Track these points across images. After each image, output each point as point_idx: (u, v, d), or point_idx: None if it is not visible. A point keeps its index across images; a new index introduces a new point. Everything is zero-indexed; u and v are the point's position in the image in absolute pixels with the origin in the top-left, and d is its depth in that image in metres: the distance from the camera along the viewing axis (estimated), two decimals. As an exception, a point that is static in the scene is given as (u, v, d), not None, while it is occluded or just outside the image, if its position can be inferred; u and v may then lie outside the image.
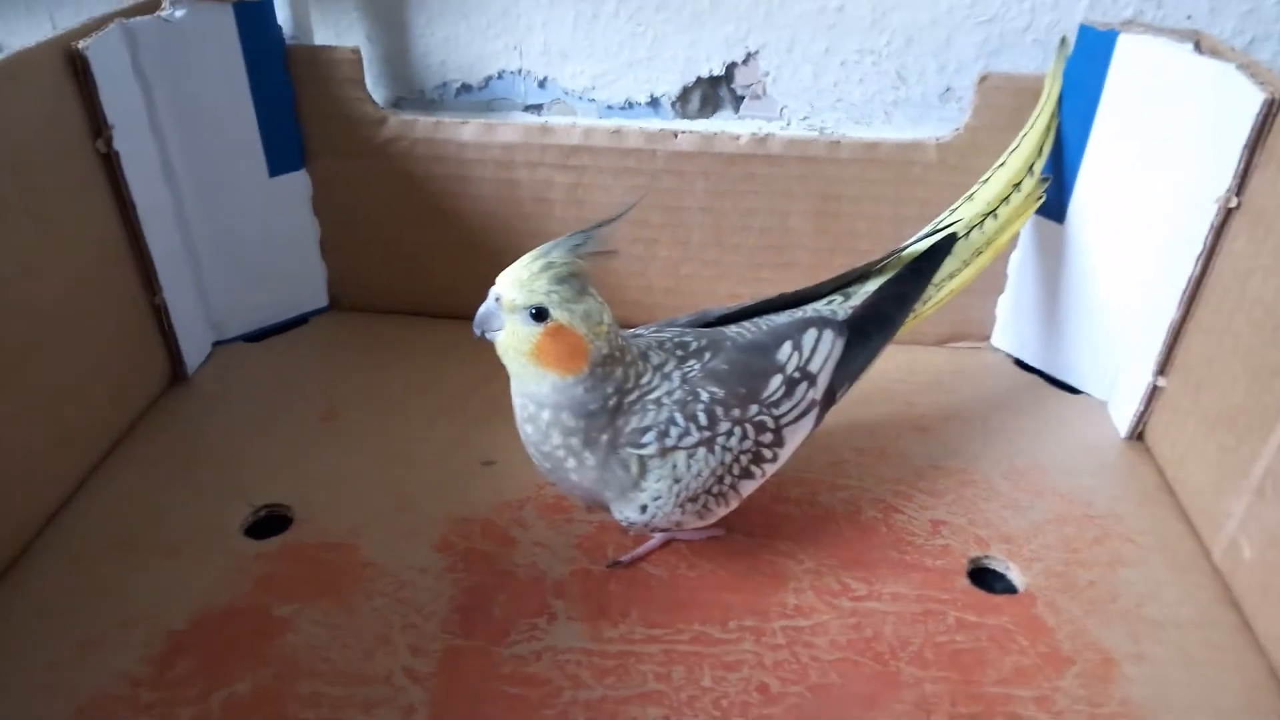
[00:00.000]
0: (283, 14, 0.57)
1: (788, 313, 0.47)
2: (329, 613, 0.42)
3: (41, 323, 0.46)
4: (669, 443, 0.40)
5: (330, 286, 0.64)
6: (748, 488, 0.43)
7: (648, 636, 0.42)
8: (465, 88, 0.64)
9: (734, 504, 0.43)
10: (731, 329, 0.46)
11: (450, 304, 0.62)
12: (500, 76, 0.63)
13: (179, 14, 0.51)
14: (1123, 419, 0.54)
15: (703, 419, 0.41)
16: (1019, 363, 0.61)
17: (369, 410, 0.55)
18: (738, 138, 0.56)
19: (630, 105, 0.63)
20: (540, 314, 0.38)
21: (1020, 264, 0.59)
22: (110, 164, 0.49)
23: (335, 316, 0.64)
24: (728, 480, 0.42)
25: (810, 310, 0.47)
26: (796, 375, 0.43)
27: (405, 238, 0.62)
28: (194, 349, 0.57)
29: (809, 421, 0.44)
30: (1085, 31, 0.52)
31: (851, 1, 0.58)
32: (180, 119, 0.53)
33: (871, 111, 0.62)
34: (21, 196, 0.44)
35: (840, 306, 0.47)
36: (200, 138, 0.54)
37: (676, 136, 0.56)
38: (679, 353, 0.43)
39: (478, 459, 0.52)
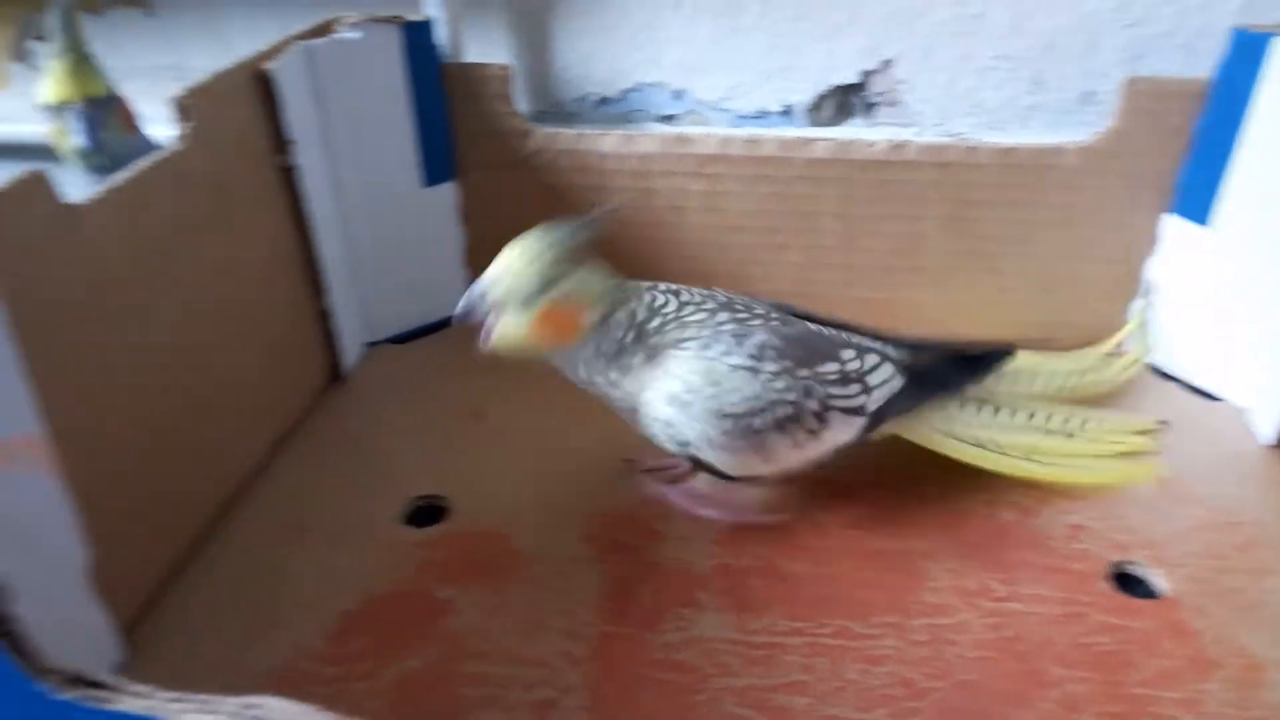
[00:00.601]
0: (438, 33, 0.61)
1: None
2: (487, 597, 0.45)
3: (229, 323, 0.50)
4: (709, 354, 0.42)
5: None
6: (781, 447, 0.44)
7: (791, 629, 0.43)
8: (604, 100, 0.67)
9: (765, 460, 0.44)
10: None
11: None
12: (638, 89, 0.66)
13: (353, 35, 0.55)
14: (1265, 426, 0.53)
15: (751, 349, 0.43)
16: (1155, 369, 0.60)
17: (514, 410, 0.58)
18: (873, 144, 0.57)
19: (763, 114, 0.64)
20: (528, 301, 0.42)
21: (1158, 268, 0.58)
22: (289, 178, 0.54)
23: (477, 320, 0.68)
24: (763, 419, 0.43)
25: (875, 341, 0.49)
26: (854, 375, 0.45)
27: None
28: (350, 350, 0.61)
29: (854, 426, 0.45)
30: (1239, 35, 0.51)
31: (991, 8, 0.58)
32: (348, 134, 0.57)
33: (1006, 117, 0.62)
34: (219, 208, 0.49)
35: (903, 353, 0.48)
36: (364, 151, 0.58)
37: (812, 144, 0.58)
38: (738, 306, 0.45)
39: (619, 457, 0.54)
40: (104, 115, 0.48)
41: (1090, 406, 0.53)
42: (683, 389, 0.42)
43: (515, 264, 0.41)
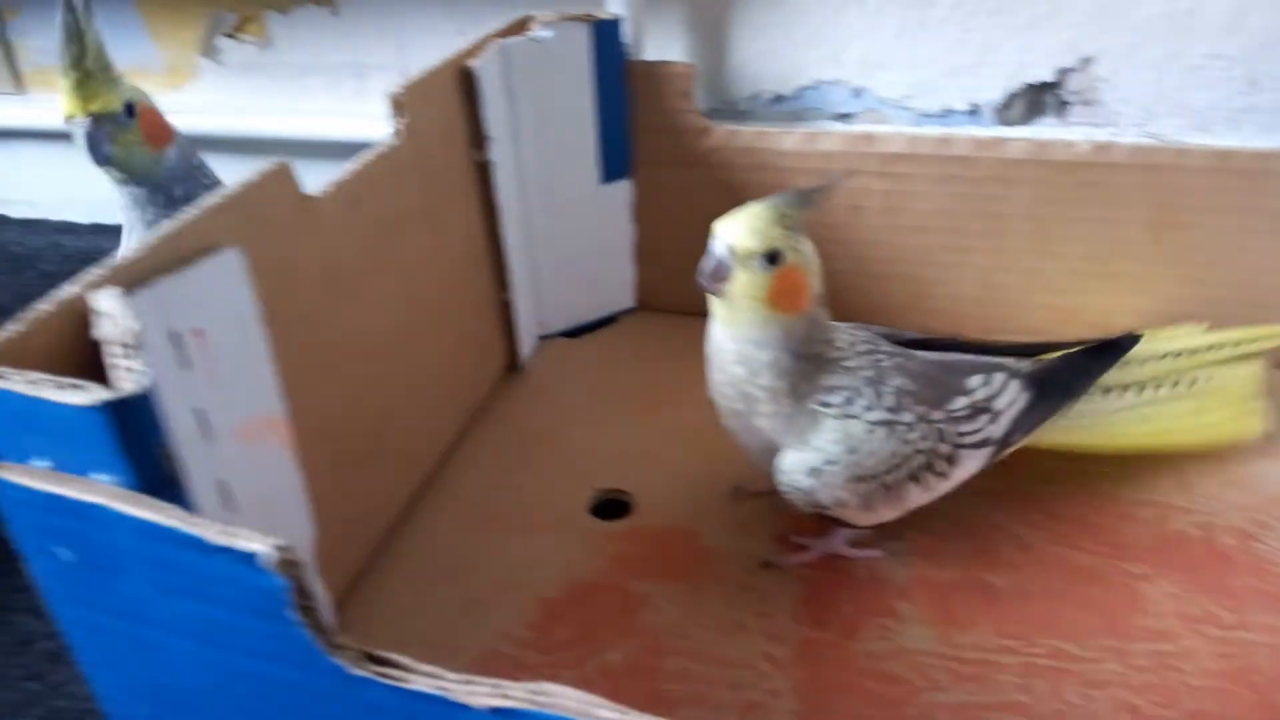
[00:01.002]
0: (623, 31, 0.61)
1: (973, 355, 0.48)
2: (682, 594, 0.45)
3: (429, 312, 0.52)
4: (852, 410, 0.41)
5: (639, 288, 0.68)
6: (912, 495, 0.43)
7: (1001, 647, 0.41)
8: (778, 98, 0.66)
9: (894, 509, 0.44)
10: (918, 352, 0.46)
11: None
12: (814, 86, 0.65)
13: (546, 34, 0.56)
14: None
15: (889, 400, 0.42)
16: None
17: (688, 405, 0.57)
18: (1073, 145, 0.55)
19: (948, 113, 0.63)
20: (774, 258, 0.40)
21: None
22: (484, 172, 0.55)
23: (642, 316, 0.68)
24: (896, 475, 0.42)
25: (997, 358, 0.47)
26: (982, 405, 0.44)
27: (715, 242, 0.64)
28: (526, 342, 0.62)
29: (982, 456, 0.44)
30: None
31: (1204, 4, 0.55)
32: (534, 130, 0.58)
33: (1214, 119, 0.58)
34: (424, 201, 0.50)
35: (1027, 364, 0.47)
36: (547, 147, 0.59)
37: (1006, 144, 0.56)
38: (867, 345, 0.44)
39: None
40: (114, 130, 0.47)
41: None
42: (822, 461, 0.41)
43: (761, 221, 0.40)
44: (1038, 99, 0.61)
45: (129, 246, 0.50)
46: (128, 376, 0.25)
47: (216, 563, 0.24)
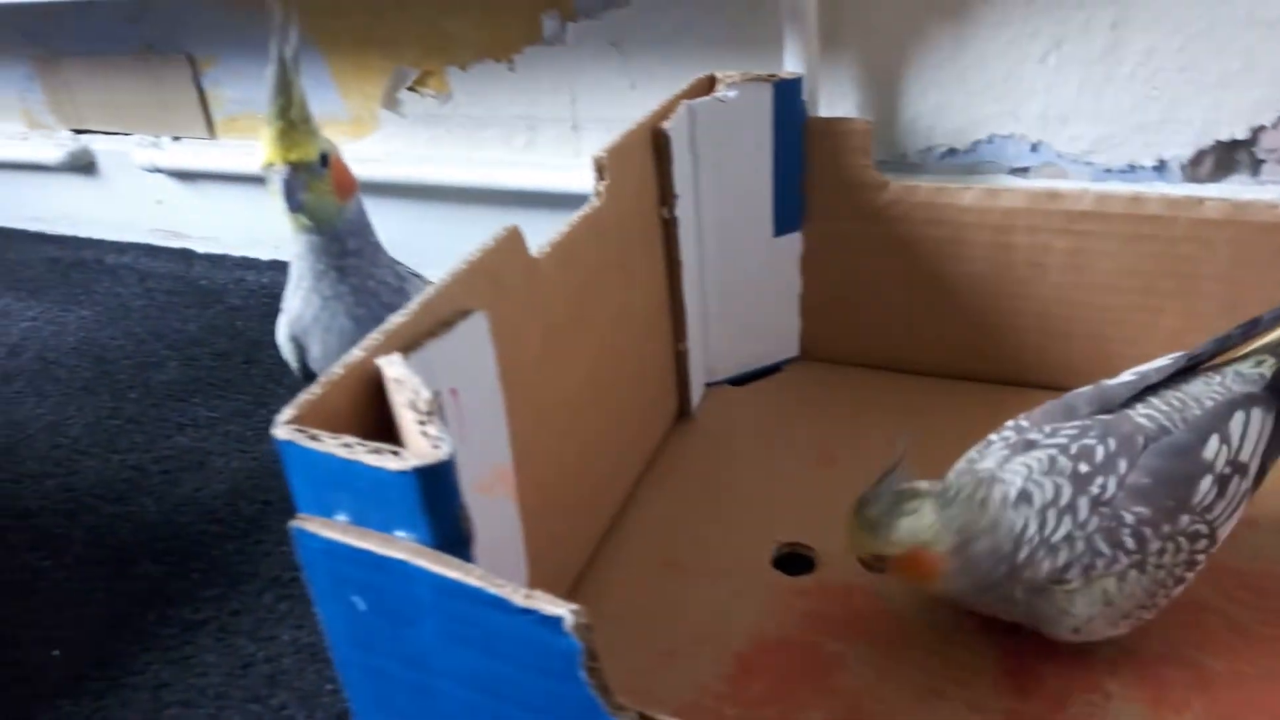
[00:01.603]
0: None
1: (1203, 380, 0.44)
2: (877, 657, 0.45)
3: (617, 363, 0.53)
4: (1095, 573, 0.40)
5: (802, 338, 0.68)
6: (1179, 592, 0.42)
7: (1220, 732, 0.40)
8: (951, 151, 0.66)
9: (1160, 608, 0.42)
10: (1139, 413, 0.43)
11: (922, 361, 0.64)
12: (990, 140, 0.65)
13: (731, 94, 0.57)
14: None
15: (1130, 544, 0.40)
16: None
17: (864, 459, 0.57)
18: (1276, 206, 0.53)
19: (1133, 168, 0.62)
20: (878, 560, 0.42)
21: None
22: (668, 228, 0.57)
23: (805, 366, 0.68)
24: (1161, 595, 0.41)
25: (1231, 377, 0.44)
26: (1227, 471, 0.41)
27: (885, 295, 0.64)
28: (695, 390, 0.64)
29: (1241, 509, 0.42)
30: None
31: None
32: (714, 185, 0.59)
33: None
34: (620, 258, 0.52)
35: (1265, 368, 0.44)
36: (726, 201, 0.60)
37: (1202, 204, 0.54)
38: (1082, 467, 0.41)
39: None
40: (309, 179, 0.49)
41: None
42: (1084, 621, 0.41)
43: (851, 531, 0.43)
44: (1229, 156, 0.59)
45: (295, 292, 0.54)
46: (431, 442, 0.27)
47: (516, 622, 0.26)
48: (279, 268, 0.96)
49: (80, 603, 0.55)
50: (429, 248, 0.57)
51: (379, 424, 0.32)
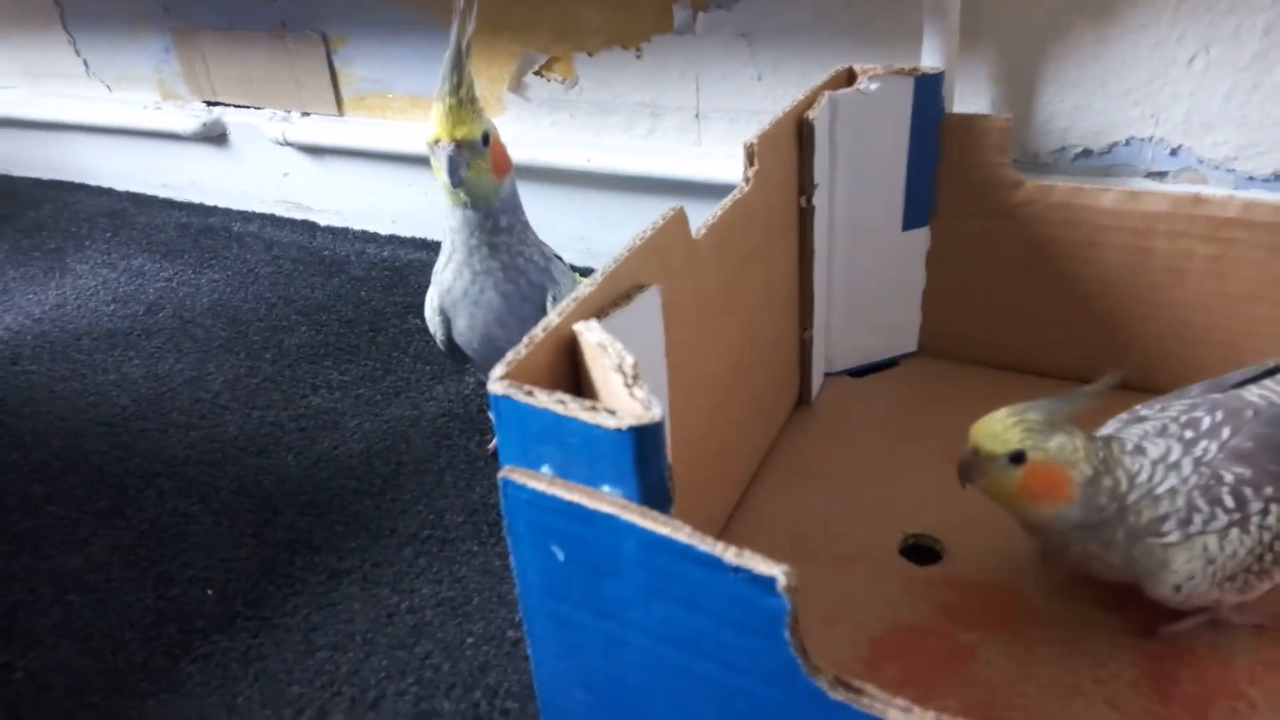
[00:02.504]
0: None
1: None
2: (1013, 649, 0.45)
3: (753, 347, 0.55)
4: (1192, 529, 0.41)
5: (922, 333, 0.69)
6: None
7: (1369, 746, 0.40)
8: (1085, 153, 0.66)
9: (1272, 582, 0.42)
10: (1253, 391, 0.44)
11: (1047, 362, 0.64)
12: (1127, 143, 0.64)
13: (873, 86, 0.58)
14: None
15: (1229, 501, 0.41)
16: None
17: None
18: None
19: (1277, 178, 0.60)
20: (1017, 457, 0.43)
21: None
22: (804, 217, 0.58)
23: (923, 361, 0.68)
24: (1268, 557, 0.41)
25: None
26: None
27: (1011, 294, 0.64)
28: (816, 378, 0.65)
29: None
30: None
31: None
32: (849, 176, 0.60)
33: None
34: (763, 243, 0.53)
35: None
36: (858, 193, 0.61)
37: (1358, 216, 0.53)
38: (1188, 434, 0.43)
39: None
40: (471, 157, 0.51)
41: None
42: (1184, 578, 0.41)
43: (999, 424, 0.43)
44: (1386, 168, 0.58)
45: (447, 265, 0.56)
46: (643, 403, 0.29)
47: (724, 580, 0.27)
48: (397, 242, 0.99)
49: (230, 546, 0.58)
50: (550, 230, 0.59)
51: (570, 385, 0.34)
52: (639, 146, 0.82)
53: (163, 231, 1.07)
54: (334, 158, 1.00)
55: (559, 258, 0.60)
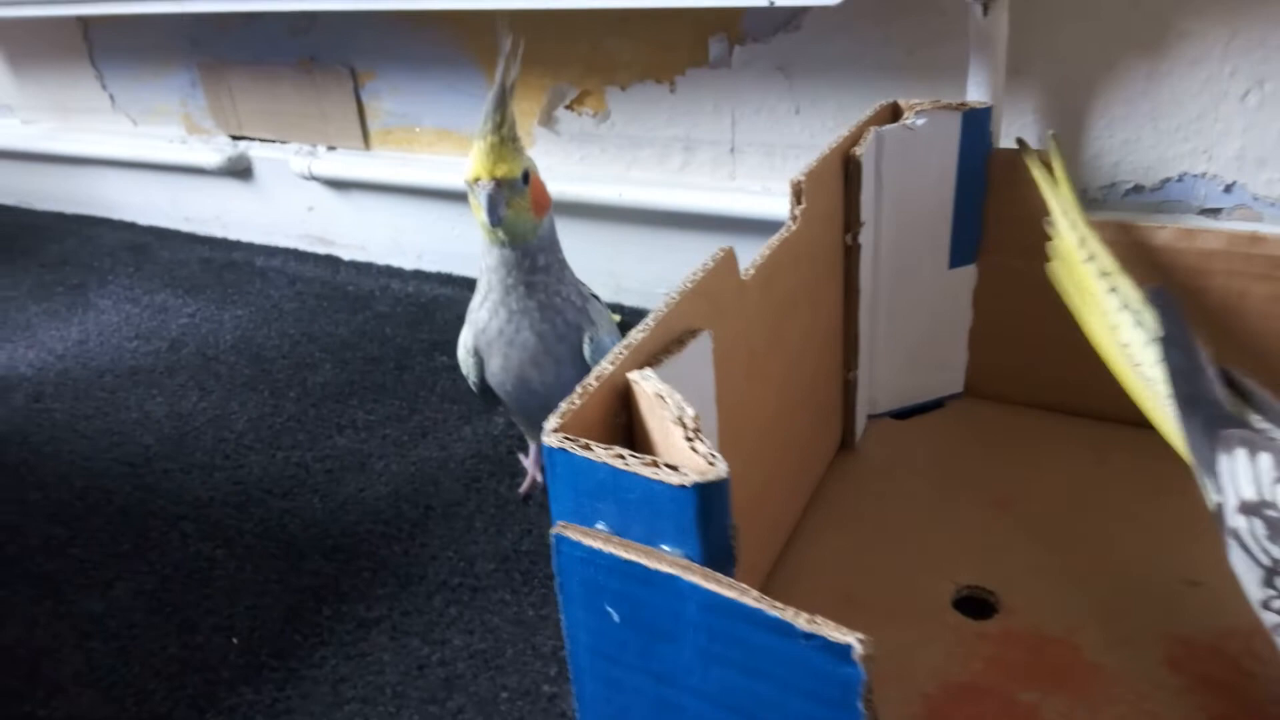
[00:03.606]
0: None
1: None
2: (1076, 711, 0.43)
3: (796, 389, 0.53)
4: None
5: (968, 374, 0.67)
6: None
7: None
8: (1137, 189, 0.64)
9: None
10: None
11: (1097, 404, 0.62)
12: (1180, 179, 0.62)
13: (920, 122, 0.56)
14: None
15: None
16: None
17: (1039, 502, 0.56)
18: None
19: (1338, 215, 0.59)
20: None
21: None
22: (850, 255, 0.56)
23: (970, 403, 0.66)
24: None
25: None
26: None
27: (1061, 334, 0.62)
28: (859, 421, 0.63)
29: None
30: None
31: None
32: (894, 213, 0.59)
33: None
34: (810, 282, 0.51)
35: None
36: (904, 230, 0.59)
37: None
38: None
39: (1177, 575, 0.50)
40: (510, 195, 0.51)
41: None
42: None
43: None
44: None
45: (482, 304, 0.55)
46: (706, 458, 0.27)
47: (794, 647, 0.25)
48: (422, 277, 0.98)
49: (255, 593, 0.56)
50: (580, 265, 0.58)
51: (623, 436, 0.32)
52: (672, 180, 0.81)
53: (186, 266, 1.07)
54: (359, 192, 0.99)
55: (596, 297, 0.58)
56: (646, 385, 0.31)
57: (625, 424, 0.33)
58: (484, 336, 0.55)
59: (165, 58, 1.09)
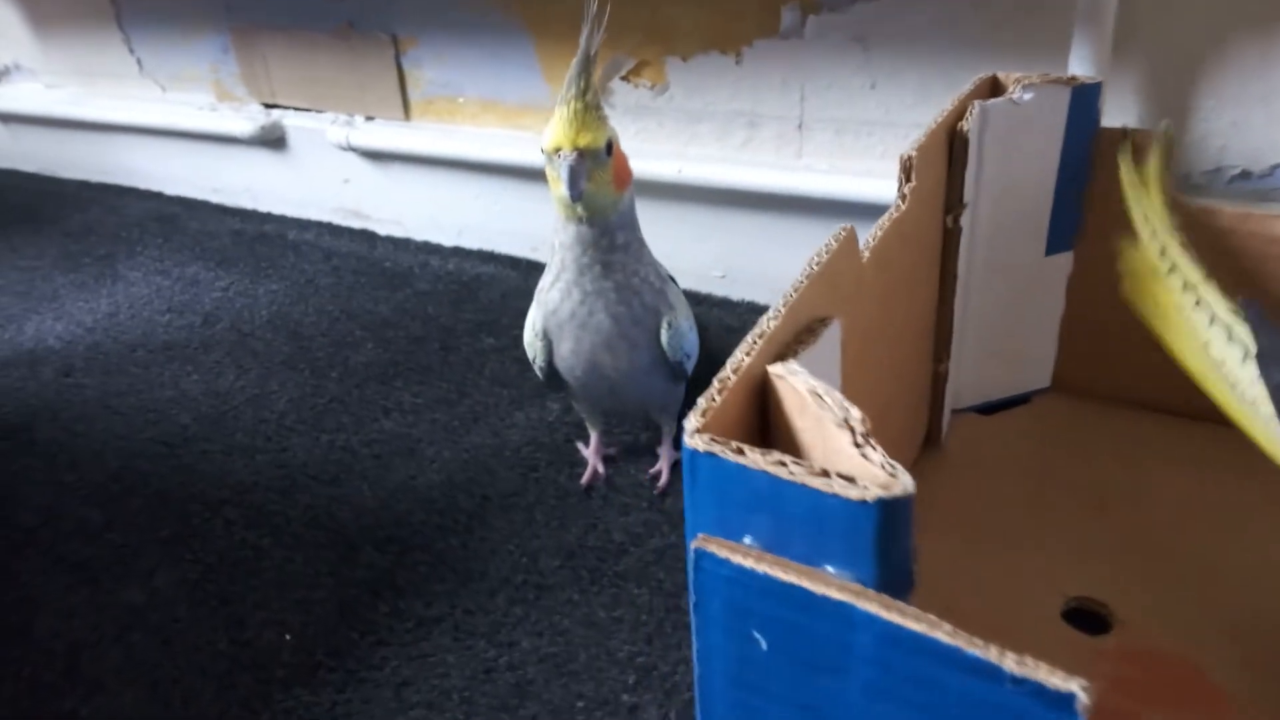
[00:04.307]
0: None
1: None
2: (1211, 737, 0.40)
3: (896, 379, 0.49)
4: None
5: (1057, 367, 0.63)
6: None
7: None
8: (1244, 174, 0.60)
9: None
10: None
11: (1196, 403, 0.57)
12: (1293, 165, 0.58)
13: (1027, 96, 0.52)
14: None
15: None
16: None
17: (1144, 509, 0.52)
18: None
19: None
20: None
21: None
22: (949, 238, 0.52)
23: (1057, 398, 0.62)
24: None
25: None
26: None
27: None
28: (945, 416, 0.59)
29: None
30: None
31: None
32: (994, 195, 0.55)
33: None
34: (913, 266, 0.48)
35: None
36: (1003, 213, 0.55)
37: None
38: None
39: (1301, 591, 0.46)
40: (593, 168, 0.47)
41: None
42: None
43: None
44: None
45: (554, 284, 0.51)
46: (886, 470, 0.24)
47: (999, 691, 0.22)
48: (462, 254, 0.94)
49: (307, 585, 0.53)
50: None
51: (757, 436, 0.29)
52: (733, 158, 0.77)
53: (216, 238, 1.03)
54: (398, 165, 0.95)
55: (673, 280, 0.55)
56: (796, 381, 0.27)
57: (757, 424, 0.29)
58: (554, 318, 0.51)
59: (196, 21, 1.05)
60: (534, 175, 0.86)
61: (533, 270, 0.90)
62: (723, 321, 0.78)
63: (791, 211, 0.75)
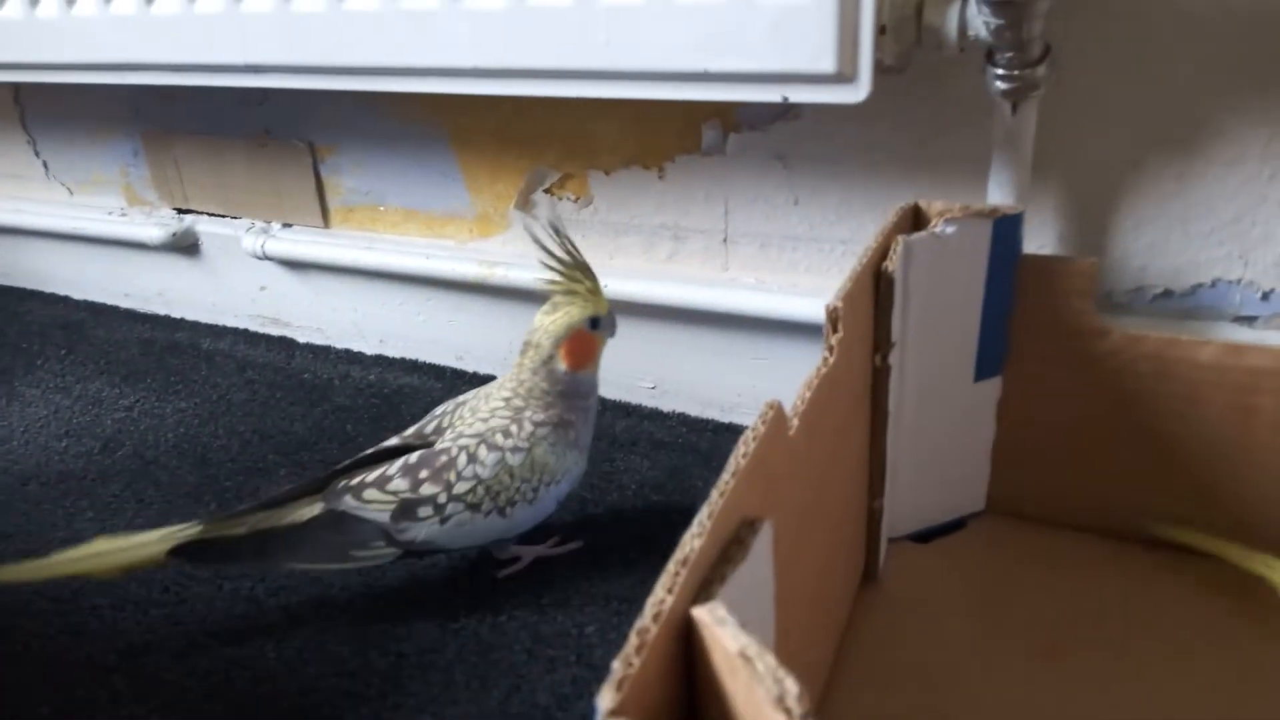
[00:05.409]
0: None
1: None
2: None
3: (828, 526, 0.47)
4: None
5: (990, 489, 0.62)
6: None
7: None
8: (1166, 294, 0.60)
9: None
10: None
11: (1132, 525, 0.57)
12: (1213, 285, 0.58)
13: (950, 230, 0.52)
14: None
15: None
16: None
17: (1095, 650, 0.50)
18: None
19: (1387, 329, 0.55)
20: None
21: None
22: (878, 377, 0.51)
23: (992, 522, 0.61)
24: None
25: None
26: None
27: (1092, 450, 0.58)
28: (882, 550, 0.57)
29: None
30: None
31: None
32: (920, 327, 0.54)
33: None
34: (845, 413, 0.46)
35: None
36: (930, 344, 0.54)
37: None
38: None
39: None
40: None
41: None
42: None
43: None
44: None
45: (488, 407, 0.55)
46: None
47: None
48: (384, 364, 0.91)
49: (200, 774, 0.48)
50: None
51: (683, 687, 0.26)
52: (659, 271, 0.75)
53: (124, 348, 0.98)
54: (317, 273, 0.92)
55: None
56: (724, 635, 0.24)
57: (684, 676, 0.26)
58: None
59: (105, 125, 1.01)
60: (458, 285, 0.84)
61: (458, 380, 0.87)
62: (653, 436, 0.76)
63: (719, 326, 0.73)
